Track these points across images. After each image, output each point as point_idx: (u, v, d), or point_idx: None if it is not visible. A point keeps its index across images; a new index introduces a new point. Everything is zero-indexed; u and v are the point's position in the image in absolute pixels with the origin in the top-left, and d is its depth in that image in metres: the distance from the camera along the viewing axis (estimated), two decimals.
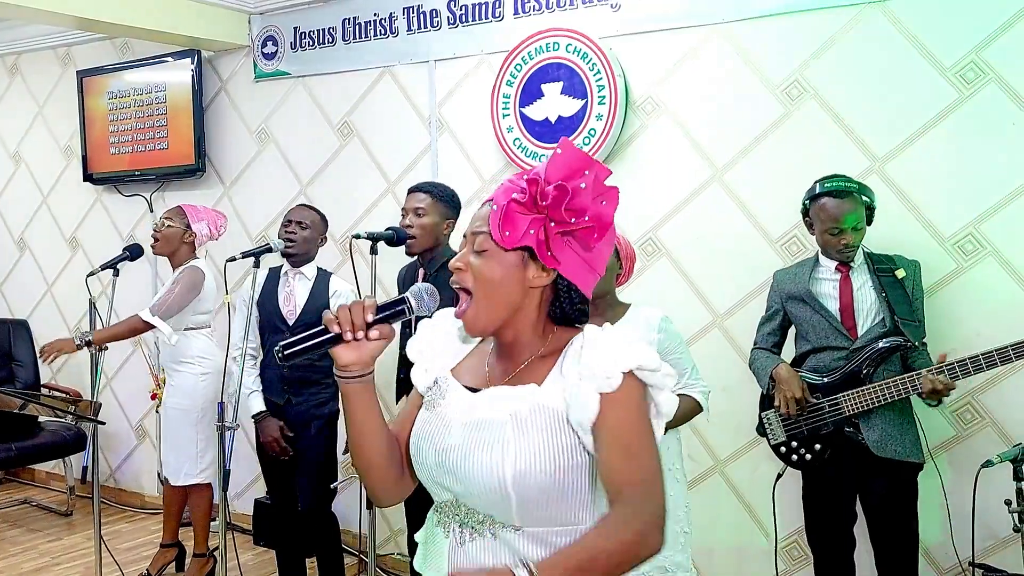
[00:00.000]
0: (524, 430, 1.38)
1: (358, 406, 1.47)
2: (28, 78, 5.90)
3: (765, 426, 3.12)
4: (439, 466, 1.44)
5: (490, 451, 1.38)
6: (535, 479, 1.36)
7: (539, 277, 1.43)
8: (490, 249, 1.42)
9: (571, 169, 1.40)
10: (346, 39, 4.55)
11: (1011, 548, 3.03)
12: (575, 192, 1.38)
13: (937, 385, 2.75)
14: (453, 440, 1.43)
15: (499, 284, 1.42)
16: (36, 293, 5.93)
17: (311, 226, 3.72)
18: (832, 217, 2.93)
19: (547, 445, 1.37)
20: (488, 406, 1.44)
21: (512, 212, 1.40)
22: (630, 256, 2.95)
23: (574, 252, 1.42)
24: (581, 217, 1.39)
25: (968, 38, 3.13)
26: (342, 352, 1.41)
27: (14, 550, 4.77)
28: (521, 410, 1.40)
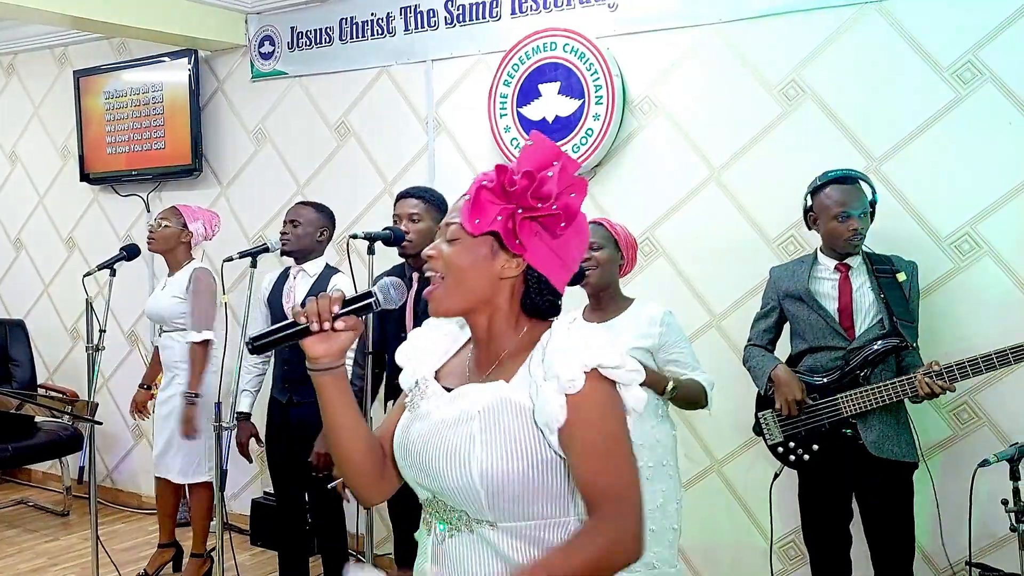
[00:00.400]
0: (491, 426, 1.40)
1: (331, 397, 1.49)
2: (24, 78, 5.89)
3: (762, 426, 3.11)
4: (416, 465, 1.48)
5: (457, 447, 1.41)
6: (502, 475, 1.38)
7: (508, 267, 1.45)
8: (461, 238, 1.45)
9: (541, 160, 1.43)
10: (343, 39, 4.54)
11: (1008, 547, 3.04)
12: (542, 180, 1.41)
13: (935, 388, 2.75)
14: (427, 439, 1.46)
15: (468, 271, 1.45)
16: (33, 293, 5.92)
17: (304, 223, 3.71)
18: (840, 202, 2.92)
19: (514, 441, 1.39)
20: (459, 403, 1.46)
21: (481, 199, 1.43)
22: (631, 244, 2.94)
23: (541, 241, 1.44)
24: (548, 204, 1.41)
25: (965, 38, 3.13)
26: (311, 344, 1.45)
27: (11, 550, 4.76)
28: (489, 406, 1.42)
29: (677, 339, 2.82)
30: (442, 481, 1.43)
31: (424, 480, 1.48)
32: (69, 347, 5.78)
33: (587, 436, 1.36)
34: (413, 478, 1.51)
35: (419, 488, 1.51)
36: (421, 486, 1.50)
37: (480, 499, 1.39)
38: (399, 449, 1.52)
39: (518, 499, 1.39)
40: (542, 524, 1.41)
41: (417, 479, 1.49)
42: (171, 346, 4.13)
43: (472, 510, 1.42)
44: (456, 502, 1.44)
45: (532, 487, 1.39)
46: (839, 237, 2.94)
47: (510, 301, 1.48)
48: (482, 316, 1.49)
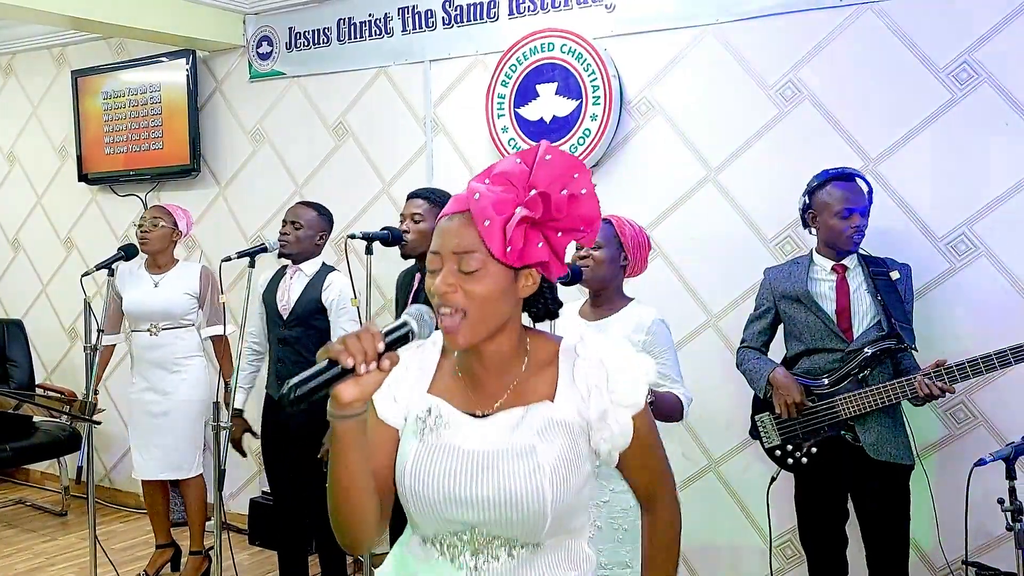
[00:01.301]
0: (551, 451, 1.38)
1: (352, 445, 1.32)
2: (22, 78, 5.89)
3: (759, 429, 3.11)
4: (454, 499, 1.37)
5: (527, 477, 1.35)
6: (567, 496, 1.38)
7: (527, 286, 1.41)
8: (485, 268, 1.35)
9: (562, 173, 1.36)
10: (341, 39, 4.55)
11: (1004, 546, 3.05)
12: (579, 199, 1.36)
13: (934, 390, 2.75)
14: (475, 470, 1.37)
15: (496, 301, 1.37)
16: (31, 293, 5.92)
17: (305, 225, 3.72)
18: (842, 198, 2.92)
19: (570, 461, 1.39)
20: (507, 431, 1.39)
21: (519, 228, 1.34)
22: (640, 245, 2.86)
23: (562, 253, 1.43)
24: (590, 225, 1.39)
25: (961, 39, 3.14)
26: (346, 389, 1.24)
27: (9, 550, 4.76)
28: (542, 430, 1.39)
29: (662, 348, 2.74)
30: (505, 512, 1.35)
31: (468, 514, 1.37)
32: (67, 347, 5.78)
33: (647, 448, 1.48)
34: (440, 512, 1.39)
35: (447, 523, 1.40)
36: (452, 520, 1.39)
37: (546, 524, 1.36)
38: (419, 482, 1.39)
39: (571, 516, 1.42)
40: (576, 536, 1.46)
41: (455, 514, 1.38)
42: (173, 343, 4.14)
43: (527, 535, 1.38)
44: (511, 531, 1.37)
45: (583, 503, 1.44)
46: (841, 235, 2.94)
47: (519, 317, 1.46)
48: (496, 339, 1.42)
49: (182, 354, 4.14)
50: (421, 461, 1.40)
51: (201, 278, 4.19)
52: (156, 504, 4.35)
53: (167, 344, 4.15)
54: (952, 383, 2.76)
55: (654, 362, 1.48)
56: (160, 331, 4.13)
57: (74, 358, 5.72)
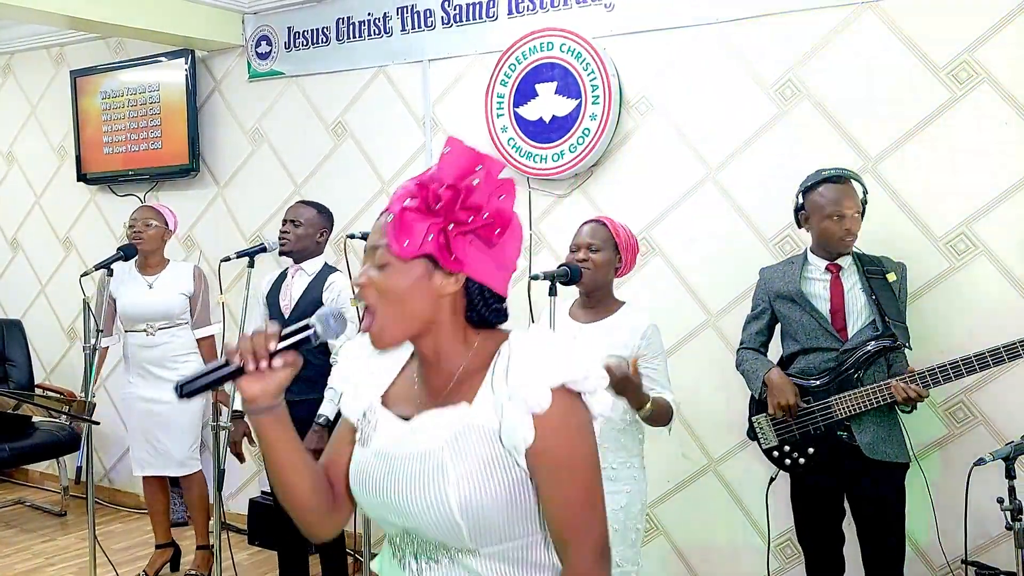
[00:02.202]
0: (462, 455, 1.32)
1: (273, 440, 1.39)
2: (21, 78, 5.88)
3: (756, 430, 3.10)
4: (383, 504, 1.38)
5: (431, 483, 1.32)
6: (482, 503, 1.30)
7: (447, 284, 1.35)
8: (391, 262, 1.35)
9: (463, 167, 1.34)
10: (340, 39, 4.54)
11: (1003, 546, 3.05)
12: (468, 190, 1.32)
13: (910, 393, 2.76)
14: (392, 475, 1.36)
15: (405, 297, 1.34)
16: (30, 293, 5.92)
17: (305, 224, 3.72)
18: (834, 200, 2.91)
19: (487, 466, 1.31)
20: (422, 434, 1.36)
21: (407, 220, 1.33)
22: (631, 247, 2.89)
23: (478, 252, 1.35)
24: (479, 214, 1.33)
25: (960, 38, 3.14)
26: (246, 384, 1.33)
27: (8, 551, 4.76)
28: (455, 434, 1.33)
29: (655, 354, 2.77)
30: (418, 518, 1.33)
31: (394, 517, 1.38)
32: (66, 347, 5.78)
33: (556, 459, 1.30)
34: (380, 516, 1.42)
35: (387, 525, 1.42)
36: (389, 522, 1.41)
37: (461, 531, 1.31)
38: (358, 487, 1.42)
39: (497, 523, 1.32)
40: (521, 544, 1.36)
41: (385, 516, 1.40)
42: (170, 342, 4.16)
43: (452, 541, 1.34)
44: (434, 536, 1.35)
45: (510, 510, 1.32)
46: (832, 237, 2.94)
47: (453, 317, 1.38)
48: (428, 338, 1.38)
49: (178, 352, 4.16)
50: (356, 463, 1.44)
51: (195, 278, 4.22)
52: (157, 503, 4.35)
53: (163, 343, 4.16)
54: (926, 387, 2.77)
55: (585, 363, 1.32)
56: (156, 331, 4.14)
57: (73, 358, 5.71)
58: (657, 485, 3.50)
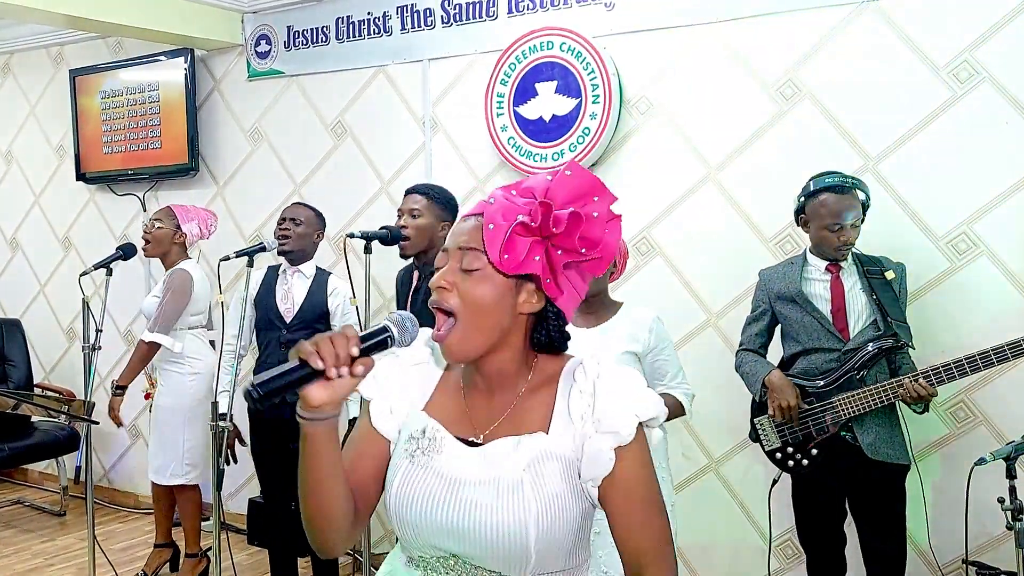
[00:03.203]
0: (542, 486, 1.30)
1: (320, 449, 1.30)
2: (20, 77, 5.88)
3: (758, 432, 3.10)
4: (438, 527, 1.33)
5: (510, 512, 1.28)
6: (556, 535, 1.30)
7: (529, 303, 1.34)
8: (483, 269, 1.31)
9: (581, 193, 1.32)
10: (340, 38, 4.54)
11: (1004, 546, 3.05)
12: (588, 220, 1.30)
13: (920, 391, 2.76)
14: (460, 500, 1.32)
15: (490, 308, 1.31)
16: (29, 293, 5.91)
17: (305, 223, 3.72)
18: (833, 213, 2.91)
19: (562, 499, 1.31)
20: (497, 462, 1.33)
21: (515, 235, 1.30)
22: (623, 253, 2.95)
23: (575, 282, 1.35)
24: (594, 248, 1.31)
25: (961, 37, 3.13)
26: (316, 391, 1.23)
27: (7, 551, 4.75)
28: (533, 462, 1.31)
29: (664, 346, 2.82)
30: (488, 546, 1.30)
31: (451, 542, 1.33)
32: (65, 347, 5.77)
33: (635, 488, 1.32)
34: (427, 539, 1.35)
35: (434, 549, 1.36)
36: (441, 548, 1.35)
37: (530, 561, 1.29)
38: (405, 508, 1.35)
39: (559, 553, 1.32)
40: (571, 571, 1.36)
41: (436, 541, 1.34)
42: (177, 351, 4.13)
43: (510, 569, 1.31)
44: (495, 564, 1.32)
45: (572, 542, 1.33)
46: (829, 245, 2.95)
47: (520, 337, 1.36)
48: (495, 356, 1.35)
49: (163, 359, 4.12)
50: (409, 483, 1.36)
51: (167, 280, 4.07)
52: (159, 502, 4.34)
53: None
54: (939, 384, 2.76)
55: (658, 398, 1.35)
56: None
57: (72, 358, 5.71)
58: None
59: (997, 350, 2.72)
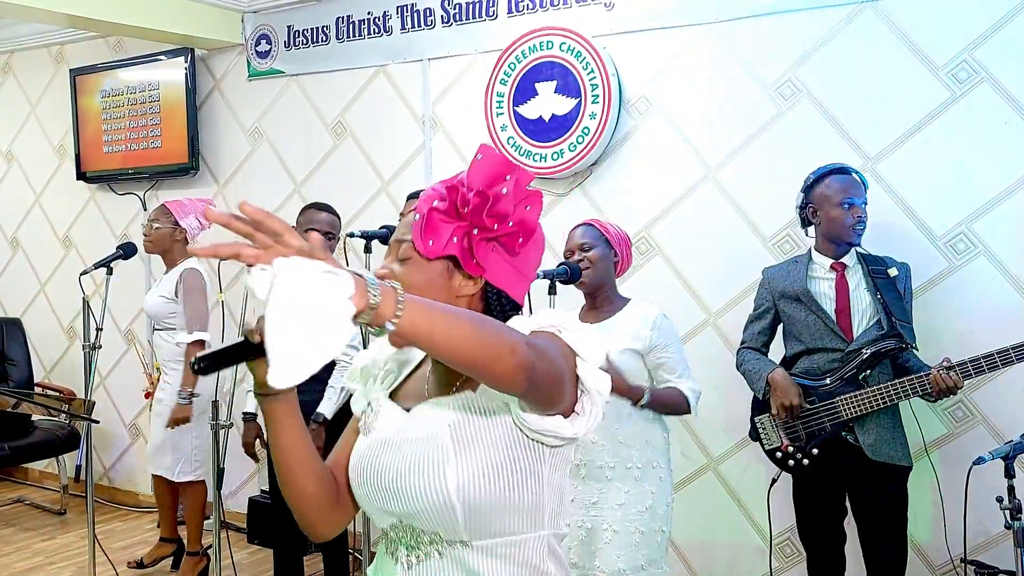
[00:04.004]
0: (463, 438, 1.33)
1: (283, 426, 1.38)
2: (21, 77, 5.88)
3: (759, 431, 3.10)
4: (380, 489, 1.38)
5: (431, 464, 1.32)
6: (479, 487, 1.31)
7: (466, 285, 1.38)
8: (413, 257, 1.38)
9: (492, 175, 1.35)
10: (340, 38, 4.54)
11: (1003, 545, 3.05)
12: (496, 198, 1.34)
13: (949, 383, 2.74)
14: (392, 460, 1.37)
15: (423, 293, 1.31)
16: (29, 292, 5.92)
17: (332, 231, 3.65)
18: (843, 189, 2.91)
19: (488, 451, 1.32)
20: (425, 420, 1.37)
21: (434, 220, 1.35)
22: (623, 241, 2.92)
23: (500, 258, 1.38)
24: (504, 223, 1.35)
25: (961, 38, 3.14)
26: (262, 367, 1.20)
27: (7, 549, 4.76)
28: (459, 418, 1.34)
29: (668, 342, 2.81)
30: (414, 502, 1.34)
31: (391, 504, 1.38)
32: (66, 346, 5.77)
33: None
34: (376, 505, 1.41)
35: (382, 515, 1.42)
36: (385, 511, 1.40)
37: (456, 516, 1.31)
38: (356, 475, 1.43)
39: (494, 513, 1.33)
40: (517, 540, 1.36)
41: (382, 505, 1.40)
42: (161, 345, 4.17)
43: (446, 530, 1.34)
44: (428, 524, 1.35)
45: (507, 499, 1.33)
46: (843, 225, 2.92)
47: None
48: None
49: (167, 357, 4.14)
50: (357, 454, 1.44)
51: (180, 281, 4.07)
52: (162, 498, 4.36)
53: (159, 346, 4.19)
54: (965, 378, 2.75)
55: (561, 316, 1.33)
56: (155, 332, 4.15)
57: (73, 357, 5.71)
58: None
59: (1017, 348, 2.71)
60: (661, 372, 2.82)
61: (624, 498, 2.71)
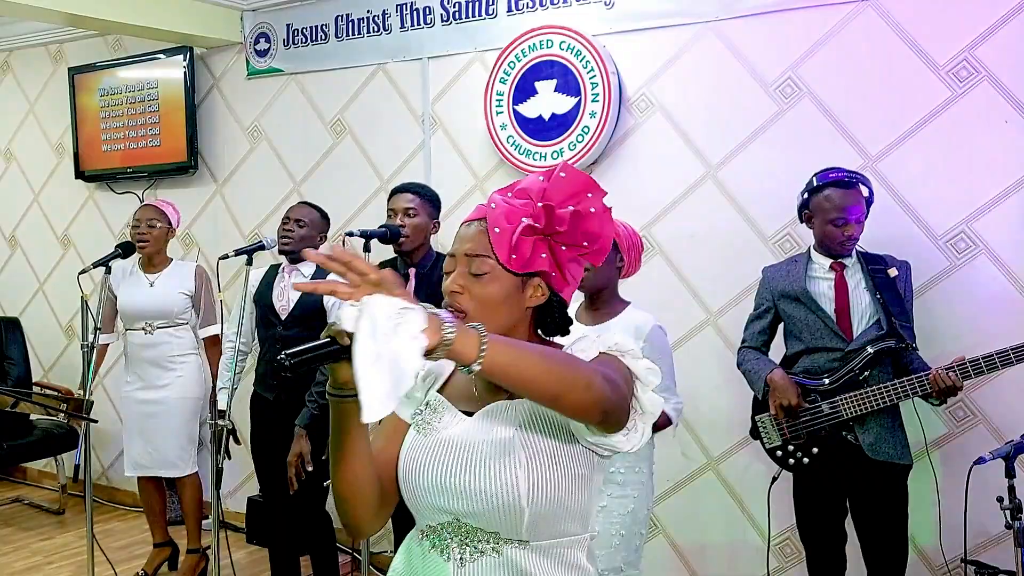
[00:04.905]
0: (532, 441, 1.39)
1: (352, 427, 1.37)
2: (19, 75, 5.87)
3: (760, 430, 3.09)
4: (439, 488, 1.42)
5: (504, 467, 1.37)
6: (547, 491, 1.37)
7: (536, 297, 1.45)
8: (492, 272, 1.42)
9: (576, 191, 1.42)
10: (339, 36, 4.53)
11: (1003, 544, 3.05)
12: (587, 216, 1.41)
13: (948, 383, 2.73)
14: (459, 461, 1.41)
15: (500, 305, 1.42)
16: (28, 291, 5.91)
17: (309, 224, 3.72)
18: (838, 207, 2.91)
19: (553, 455, 1.39)
20: (490, 423, 1.43)
21: (521, 236, 1.40)
22: (634, 246, 2.86)
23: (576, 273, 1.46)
24: (595, 241, 1.42)
25: (961, 36, 3.13)
26: (344, 368, 1.27)
27: (6, 549, 4.76)
28: (525, 422, 1.40)
29: (657, 356, 2.69)
30: (482, 503, 1.38)
31: (451, 503, 1.41)
32: (64, 345, 5.77)
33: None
34: (429, 502, 1.44)
35: (434, 512, 1.45)
36: (441, 509, 1.44)
37: (523, 519, 1.37)
38: (410, 473, 1.45)
39: (554, 517, 1.39)
40: (568, 542, 1.43)
41: (438, 503, 1.43)
42: (169, 341, 4.16)
43: (508, 530, 1.39)
44: (490, 524, 1.40)
45: (566, 504, 1.40)
46: (833, 241, 2.94)
47: (527, 325, 1.48)
48: None
49: (177, 352, 4.16)
50: (412, 448, 1.47)
51: (196, 277, 4.21)
52: (152, 503, 4.35)
53: (162, 343, 4.16)
54: (965, 379, 2.75)
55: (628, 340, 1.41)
56: (155, 330, 4.14)
57: (71, 356, 5.70)
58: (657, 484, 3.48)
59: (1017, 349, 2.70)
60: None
61: (607, 501, 2.70)
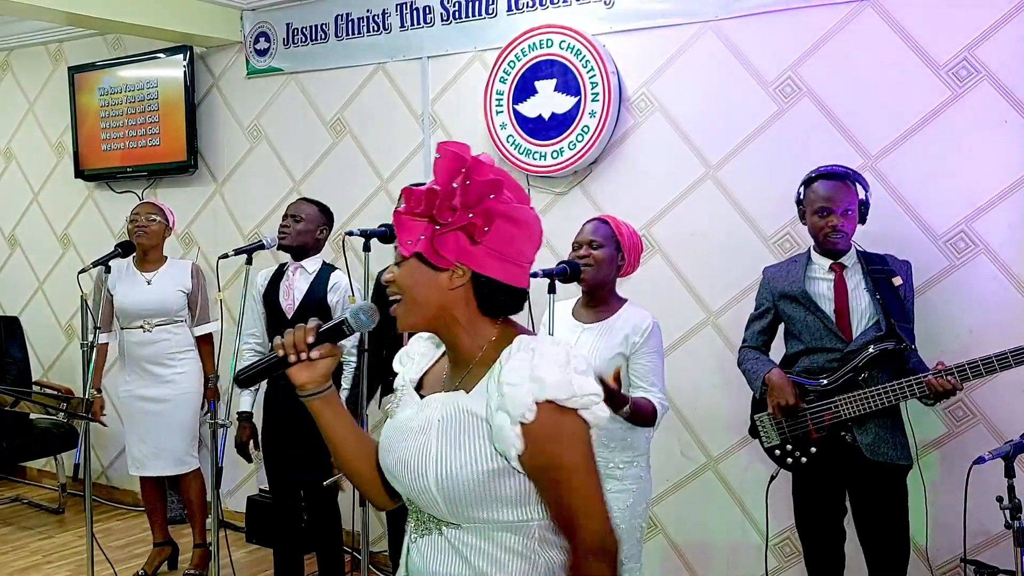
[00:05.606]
0: (447, 435, 1.45)
1: (326, 420, 1.58)
2: (19, 74, 5.87)
3: (758, 429, 3.09)
4: (388, 470, 1.55)
5: (415, 454, 1.46)
6: (459, 483, 1.42)
7: (455, 278, 1.46)
8: (403, 260, 1.50)
9: (450, 171, 1.45)
10: (339, 35, 4.53)
11: (1002, 544, 3.04)
12: (449, 193, 1.43)
13: (947, 386, 2.74)
14: (400, 446, 1.51)
15: (416, 290, 1.48)
16: (27, 290, 5.91)
17: (306, 220, 3.73)
18: (823, 197, 2.91)
19: (468, 451, 1.42)
20: (423, 412, 1.51)
21: (404, 222, 1.47)
22: (634, 246, 2.90)
23: (472, 247, 1.44)
24: (463, 214, 1.42)
25: (960, 36, 3.13)
26: (295, 373, 1.53)
27: (5, 548, 4.76)
28: (447, 415, 1.46)
29: (650, 351, 2.78)
30: (408, 488, 1.49)
31: (396, 484, 1.55)
32: (64, 344, 5.77)
33: (546, 467, 1.39)
34: (392, 483, 1.57)
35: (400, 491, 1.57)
36: (399, 490, 1.56)
37: (439, 504, 1.44)
38: (380, 456, 1.58)
39: (475, 505, 1.43)
40: (505, 526, 1.44)
41: (395, 484, 1.56)
42: (168, 339, 4.17)
43: (436, 513, 1.47)
44: (422, 506, 1.50)
45: (488, 494, 1.42)
46: (818, 230, 2.94)
47: (467, 309, 1.49)
48: (445, 328, 1.51)
49: (176, 349, 4.17)
50: (382, 435, 1.60)
51: (193, 275, 4.23)
52: (154, 502, 4.35)
53: (161, 340, 4.16)
54: (963, 381, 2.74)
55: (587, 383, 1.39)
56: (153, 328, 4.14)
57: (71, 355, 5.71)
58: (656, 483, 3.48)
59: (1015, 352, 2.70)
60: (633, 377, 2.79)
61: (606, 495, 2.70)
